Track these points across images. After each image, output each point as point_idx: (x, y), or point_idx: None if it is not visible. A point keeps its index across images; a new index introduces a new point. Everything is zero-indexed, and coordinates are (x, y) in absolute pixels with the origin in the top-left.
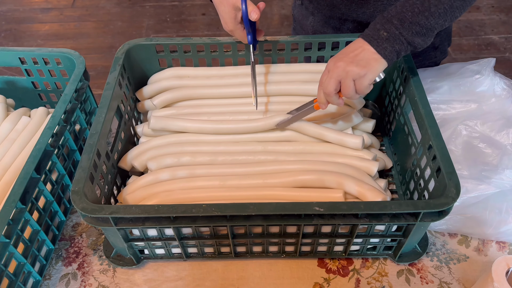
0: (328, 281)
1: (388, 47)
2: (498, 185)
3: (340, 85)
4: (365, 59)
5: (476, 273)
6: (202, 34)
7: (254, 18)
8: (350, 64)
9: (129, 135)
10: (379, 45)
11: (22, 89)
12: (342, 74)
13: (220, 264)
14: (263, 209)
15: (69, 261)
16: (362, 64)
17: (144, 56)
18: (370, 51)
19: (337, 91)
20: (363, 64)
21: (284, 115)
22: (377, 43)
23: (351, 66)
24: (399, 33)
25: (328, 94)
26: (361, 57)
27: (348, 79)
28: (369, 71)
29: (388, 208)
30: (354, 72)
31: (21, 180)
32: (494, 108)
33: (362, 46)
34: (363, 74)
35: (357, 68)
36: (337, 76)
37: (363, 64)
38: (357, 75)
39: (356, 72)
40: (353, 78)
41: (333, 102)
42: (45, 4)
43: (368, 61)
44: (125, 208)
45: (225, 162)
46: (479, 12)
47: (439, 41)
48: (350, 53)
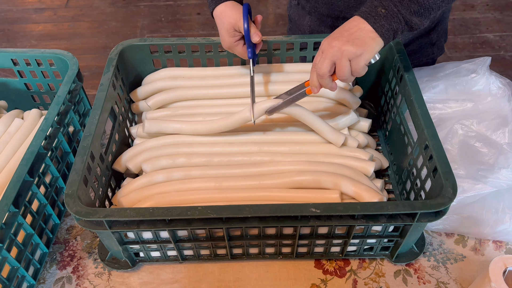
0: (325, 282)
1: (386, 24)
2: (495, 184)
3: (334, 66)
4: (361, 37)
5: (473, 273)
6: (197, 33)
7: (256, 41)
8: (346, 43)
9: (124, 136)
10: (376, 22)
11: (14, 91)
12: (337, 54)
13: (216, 266)
14: (259, 211)
15: (63, 265)
16: (358, 43)
17: (138, 57)
18: (366, 29)
19: (331, 73)
20: (359, 43)
21: (274, 100)
22: (374, 20)
23: (346, 45)
24: (397, 10)
25: (322, 76)
26: (357, 35)
27: (343, 59)
28: (366, 50)
29: (384, 208)
30: (350, 52)
31: (13, 183)
32: (490, 107)
33: (358, 25)
34: (359, 54)
35: (353, 48)
36: (331, 56)
37: (359, 43)
38: (353, 54)
39: (352, 52)
40: (349, 58)
41: (326, 86)
42: (38, 4)
43: (364, 40)
44: (120, 211)
45: (221, 163)
46: (474, 11)
47: (436, 37)
48: (345, 32)
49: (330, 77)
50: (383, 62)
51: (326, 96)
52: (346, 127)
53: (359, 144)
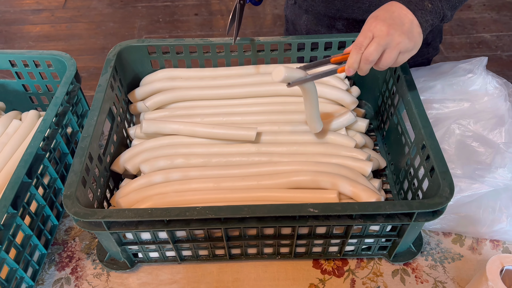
0: (323, 282)
1: (430, 20)
2: (492, 184)
3: None
4: (413, 32)
5: (471, 272)
6: (195, 34)
7: None
8: (402, 35)
9: (122, 137)
10: (423, 16)
11: (12, 92)
12: (391, 44)
13: (215, 267)
14: (258, 211)
15: (62, 266)
16: (411, 38)
17: (136, 58)
18: (414, 23)
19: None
20: (412, 38)
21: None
22: (422, 14)
23: (403, 37)
24: (441, 6)
25: (370, 62)
26: (409, 28)
27: (395, 51)
28: (415, 46)
29: (382, 208)
30: (405, 46)
31: (12, 185)
32: (487, 107)
33: (407, 15)
34: (411, 49)
35: (408, 42)
36: (385, 44)
37: (412, 38)
38: (406, 49)
39: (406, 46)
40: (400, 50)
41: (364, 70)
42: (36, 5)
43: (415, 35)
44: (118, 212)
45: (219, 164)
46: (471, 11)
47: (431, 37)
48: (397, 20)
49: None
50: None
51: (324, 96)
52: (344, 127)
53: (356, 144)
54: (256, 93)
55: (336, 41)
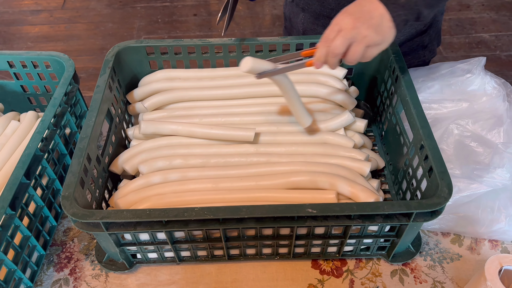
0: (322, 282)
1: (402, 15)
2: (490, 184)
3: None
4: (382, 25)
5: (469, 272)
6: (193, 35)
7: None
8: (369, 28)
9: (120, 138)
10: (395, 11)
11: (11, 93)
12: (357, 38)
13: (213, 267)
14: (256, 211)
15: (60, 267)
16: (380, 31)
17: (134, 58)
18: (386, 17)
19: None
20: (381, 32)
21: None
22: (394, 8)
23: (370, 30)
24: (415, 2)
25: (336, 55)
26: (378, 22)
27: (361, 45)
28: (384, 40)
29: (380, 209)
30: (371, 39)
31: (10, 186)
32: (485, 107)
33: (378, 9)
34: (379, 43)
35: (375, 36)
36: (351, 38)
37: (380, 32)
38: (373, 42)
39: (374, 40)
40: (367, 45)
41: (331, 64)
42: (35, 6)
43: (384, 29)
44: (116, 213)
45: (218, 165)
46: (470, 11)
47: (428, 40)
48: (366, 14)
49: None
50: (379, 62)
51: (322, 96)
52: (342, 128)
53: (355, 144)
54: (255, 93)
55: None
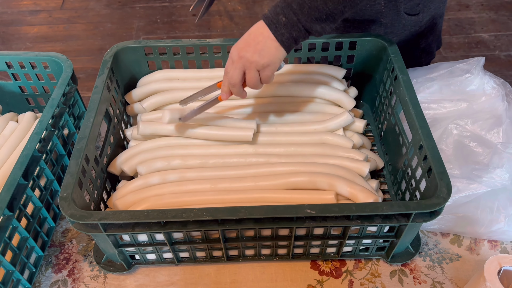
0: (321, 283)
1: (286, 33)
2: (489, 184)
3: (244, 75)
4: (267, 48)
5: (469, 273)
6: (192, 35)
7: None
8: (254, 54)
9: (118, 139)
10: (277, 30)
11: (9, 94)
12: (246, 65)
13: (212, 268)
14: (255, 212)
15: (59, 268)
16: (264, 55)
17: (132, 59)
18: (270, 38)
19: (242, 81)
20: (265, 54)
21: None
22: (276, 28)
23: (254, 57)
24: (297, 19)
25: (234, 85)
26: (262, 46)
27: (252, 70)
28: (271, 61)
29: (379, 209)
30: (258, 64)
31: (8, 187)
32: (484, 107)
33: (262, 33)
34: (266, 65)
35: (260, 59)
36: (241, 66)
37: (265, 55)
38: (261, 66)
39: (260, 64)
40: (257, 69)
41: (237, 94)
42: (33, 6)
43: (269, 51)
44: (115, 213)
45: (216, 165)
46: (469, 11)
47: (424, 43)
48: (252, 41)
49: (241, 86)
50: (378, 63)
51: (321, 97)
52: (341, 128)
53: (354, 144)
54: (253, 93)
55: (333, 42)
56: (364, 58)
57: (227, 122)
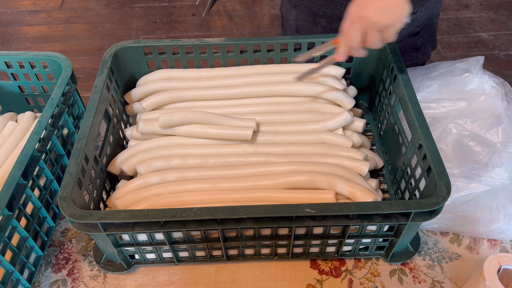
0: (320, 282)
1: None
2: (489, 183)
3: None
4: (390, 6)
5: (468, 272)
6: (192, 35)
7: None
8: (376, 14)
9: (118, 138)
10: None
11: (8, 94)
12: (367, 26)
13: (212, 268)
14: (254, 212)
15: (58, 268)
16: (387, 14)
17: (132, 58)
18: None
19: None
20: (389, 14)
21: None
22: None
23: (377, 17)
24: None
25: (354, 47)
26: (384, 4)
27: (373, 31)
28: (395, 20)
29: (379, 208)
30: (380, 24)
31: (7, 187)
32: (484, 106)
33: None
34: (390, 25)
35: (383, 19)
36: (361, 28)
37: (388, 14)
38: (383, 27)
39: (383, 24)
40: (379, 29)
41: (357, 55)
42: (33, 6)
43: (393, 9)
44: (114, 213)
45: (216, 165)
46: (468, 10)
47: (421, 43)
48: (372, 1)
49: (360, 47)
50: (377, 62)
51: (321, 96)
52: (341, 127)
53: (353, 144)
54: (253, 93)
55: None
56: (364, 58)
57: (226, 121)
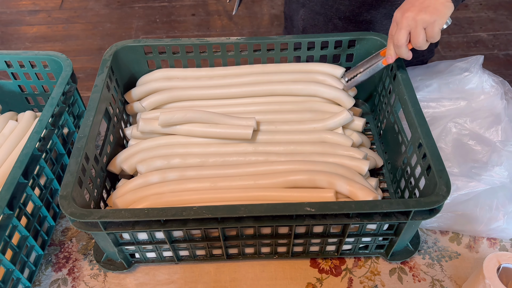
0: (320, 281)
1: None
2: (488, 182)
3: (409, 36)
4: (433, 5)
5: (468, 270)
6: (192, 34)
7: None
8: (419, 12)
9: (118, 137)
10: None
11: (8, 93)
12: (412, 24)
13: (212, 267)
14: (254, 210)
15: (59, 267)
16: (430, 11)
17: (132, 58)
18: None
19: (408, 42)
20: (432, 11)
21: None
22: None
23: (420, 14)
24: None
25: (400, 46)
26: (427, 3)
27: (418, 28)
28: (439, 16)
29: (379, 207)
30: (424, 20)
31: (8, 186)
32: (483, 105)
33: None
34: (433, 21)
35: (426, 16)
36: (406, 26)
37: (431, 11)
38: (426, 22)
39: (426, 20)
40: (424, 27)
41: (402, 55)
42: (32, 6)
43: (436, 7)
44: (114, 212)
45: (216, 164)
46: (468, 10)
47: None
48: (416, 2)
49: (406, 47)
50: None
51: (320, 95)
52: (341, 127)
53: (353, 143)
54: (253, 92)
55: (333, 40)
56: (363, 57)
57: (226, 120)
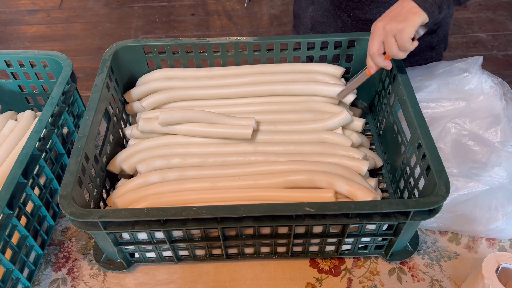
0: (320, 281)
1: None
2: (487, 182)
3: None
4: (403, 13)
5: (467, 270)
6: (191, 34)
7: None
8: (389, 21)
9: (118, 137)
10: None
11: (8, 92)
12: (382, 33)
13: (211, 266)
14: (254, 210)
15: (58, 266)
16: (399, 19)
17: (132, 58)
18: (409, 5)
19: (381, 52)
20: (401, 19)
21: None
22: None
23: (389, 23)
24: None
25: (372, 55)
26: (398, 12)
27: (388, 37)
28: (407, 24)
29: (378, 207)
30: (392, 28)
31: (7, 185)
32: (482, 106)
33: (402, 4)
34: (401, 28)
35: (394, 24)
36: (377, 36)
37: (400, 19)
38: (395, 30)
39: (394, 27)
40: (393, 35)
41: (379, 64)
42: (32, 5)
43: (405, 15)
44: (114, 212)
45: (216, 164)
46: (467, 10)
47: (436, 41)
48: (390, 13)
49: (381, 56)
50: None
51: (320, 95)
52: (340, 127)
53: (353, 143)
54: (253, 92)
55: (332, 41)
56: (363, 57)
57: (226, 120)
